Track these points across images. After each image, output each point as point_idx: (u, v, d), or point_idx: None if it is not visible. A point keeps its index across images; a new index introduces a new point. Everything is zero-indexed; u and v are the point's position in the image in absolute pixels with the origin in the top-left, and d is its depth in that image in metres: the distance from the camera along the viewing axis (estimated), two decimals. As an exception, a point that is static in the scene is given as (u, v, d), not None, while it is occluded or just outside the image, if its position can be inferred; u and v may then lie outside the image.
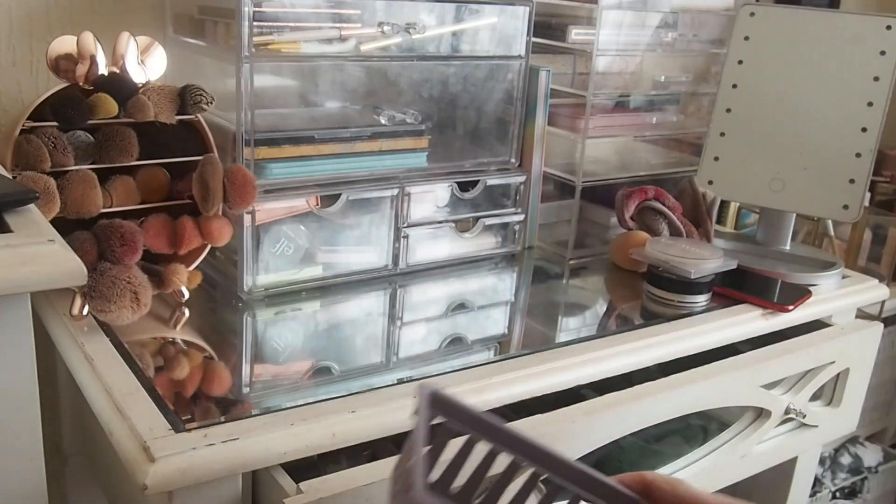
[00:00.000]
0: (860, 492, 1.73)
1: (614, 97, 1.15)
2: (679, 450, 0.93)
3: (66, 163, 0.78)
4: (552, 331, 0.92)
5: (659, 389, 0.80)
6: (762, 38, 1.07)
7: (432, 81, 0.99)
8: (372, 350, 0.82)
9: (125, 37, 0.82)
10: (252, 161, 0.87)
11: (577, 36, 1.10)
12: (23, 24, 0.96)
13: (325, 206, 0.92)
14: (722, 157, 1.09)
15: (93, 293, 0.73)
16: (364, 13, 0.91)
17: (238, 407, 0.69)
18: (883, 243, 1.63)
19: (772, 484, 1.13)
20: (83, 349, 0.73)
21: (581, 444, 0.75)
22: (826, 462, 1.72)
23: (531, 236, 1.12)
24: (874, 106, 1.02)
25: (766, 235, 1.13)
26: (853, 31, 1.03)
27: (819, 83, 1.05)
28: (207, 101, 0.84)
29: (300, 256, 0.92)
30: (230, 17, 0.86)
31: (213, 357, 0.78)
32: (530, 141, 1.07)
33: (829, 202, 1.04)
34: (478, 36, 1.00)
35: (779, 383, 0.96)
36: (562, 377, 0.78)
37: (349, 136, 0.93)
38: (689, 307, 0.95)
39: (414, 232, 0.98)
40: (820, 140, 1.04)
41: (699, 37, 1.19)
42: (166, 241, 0.83)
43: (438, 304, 0.95)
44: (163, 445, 0.60)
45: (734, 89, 1.09)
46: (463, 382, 0.73)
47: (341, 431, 0.65)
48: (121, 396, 0.66)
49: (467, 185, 1.02)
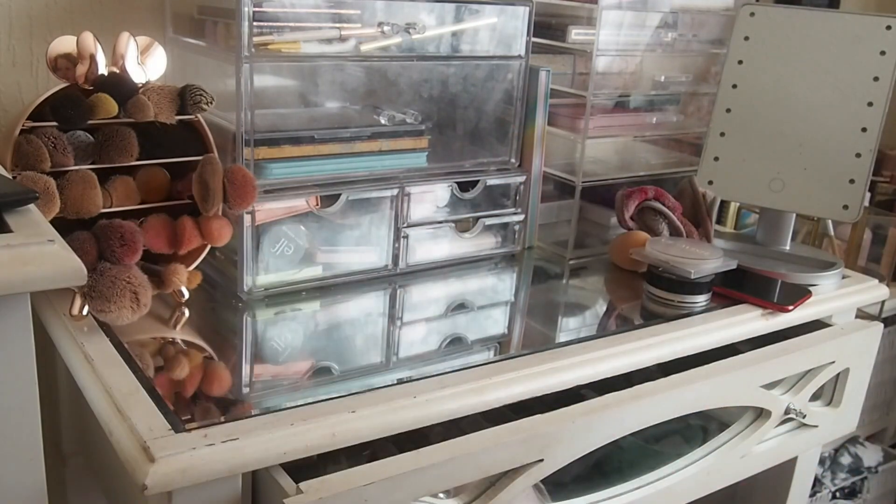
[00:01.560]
0: (860, 492, 1.74)
1: (614, 97, 1.15)
2: (679, 450, 0.93)
3: (65, 163, 0.78)
4: (552, 331, 0.92)
5: (659, 389, 0.80)
6: (762, 38, 1.07)
7: (432, 81, 0.99)
8: (372, 350, 0.82)
9: (125, 37, 0.82)
10: (252, 161, 0.87)
11: (577, 36, 1.10)
12: (23, 24, 0.96)
13: (324, 206, 0.92)
14: (722, 157, 1.09)
15: (93, 293, 0.73)
16: (364, 13, 0.91)
17: (238, 407, 0.69)
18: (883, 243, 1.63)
19: (772, 484, 1.13)
20: (83, 349, 0.73)
21: (581, 444, 0.75)
22: (826, 462, 1.72)
23: (531, 236, 1.12)
24: (874, 106, 1.02)
25: (766, 235, 1.13)
26: (853, 31, 1.03)
27: (819, 83, 1.04)
28: (207, 101, 0.84)
29: (300, 256, 0.92)
30: (230, 17, 0.86)
31: (212, 357, 0.78)
32: (530, 141, 1.07)
33: (829, 202, 1.04)
34: (478, 36, 1.00)
35: (779, 383, 0.96)
36: (562, 377, 0.78)
37: (349, 136, 0.93)
38: (689, 307, 0.95)
39: (414, 232, 0.98)
40: (820, 140, 1.04)
41: (699, 37, 1.19)
42: (166, 241, 0.83)
43: (438, 304, 0.95)
44: (163, 445, 0.60)
45: (734, 89, 1.08)
46: (463, 382, 0.73)
47: (341, 431, 0.65)
48: (121, 396, 0.66)
49: (467, 185, 1.02)
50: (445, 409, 0.70)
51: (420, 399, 0.70)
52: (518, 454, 0.71)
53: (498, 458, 0.70)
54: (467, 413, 0.72)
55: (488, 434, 0.69)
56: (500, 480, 0.72)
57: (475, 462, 0.68)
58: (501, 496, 0.72)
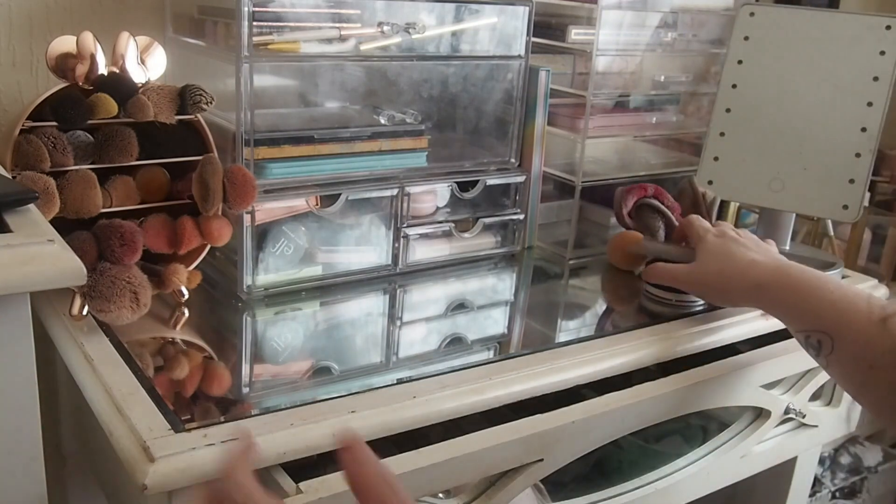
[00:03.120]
0: (860, 492, 1.74)
1: (614, 97, 1.15)
2: (679, 450, 0.93)
3: (65, 163, 0.78)
4: (552, 331, 0.92)
5: (659, 389, 0.80)
6: (762, 38, 1.07)
7: (432, 81, 0.99)
8: (372, 350, 0.82)
9: (125, 37, 0.82)
10: (252, 161, 0.87)
11: (577, 36, 1.10)
12: (23, 24, 0.96)
13: (324, 206, 0.92)
14: (722, 157, 1.09)
15: (92, 293, 0.73)
16: (364, 13, 0.91)
17: (238, 407, 0.69)
18: (883, 243, 1.63)
19: (772, 484, 1.14)
20: (83, 349, 0.73)
21: (581, 444, 0.75)
22: (826, 462, 1.72)
23: (531, 236, 1.12)
24: (874, 106, 1.02)
25: (765, 235, 1.13)
26: (853, 31, 1.03)
27: (819, 83, 1.04)
28: (207, 101, 0.84)
29: (300, 256, 0.92)
30: (230, 17, 0.86)
31: (212, 357, 0.78)
32: (530, 141, 1.07)
33: (828, 202, 1.04)
34: (478, 36, 1.00)
35: (779, 383, 0.96)
36: (562, 377, 0.78)
37: (349, 136, 0.93)
38: (689, 307, 0.95)
39: (413, 232, 0.98)
40: (820, 140, 1.04)
41: (699, 37, 1.19)
42: (166, 241, 0.83)
43: (438, 303, 0.95)
44: (162, 445, 0.60)
45: (734, 89, 1.08)
46: (463, 382, 0.73)
47: (341, 431, 0.65)
48: (121, 396, 0.66)
49: (467, 185, 1.02)
50: (445, 409, 0.70)
51: (420, 399, 0.70)
52: (518, 454, 0.71)
53: (498, 458, 0.70)
54: (467, 413, 0.72)
55: (488, 434, 0.69)
56: (499, 480, 0.72)
57: (475, 462, 0.68)
58: (501, 496, 0.72)
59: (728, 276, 0.85)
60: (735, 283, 0.85)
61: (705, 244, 0.89)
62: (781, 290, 0.81)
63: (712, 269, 0.87)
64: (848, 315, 0.75)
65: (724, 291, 0.87)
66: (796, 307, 0.79)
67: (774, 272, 0.82)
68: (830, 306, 0.76)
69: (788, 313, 0.80)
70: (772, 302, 0.82)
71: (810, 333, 0.77)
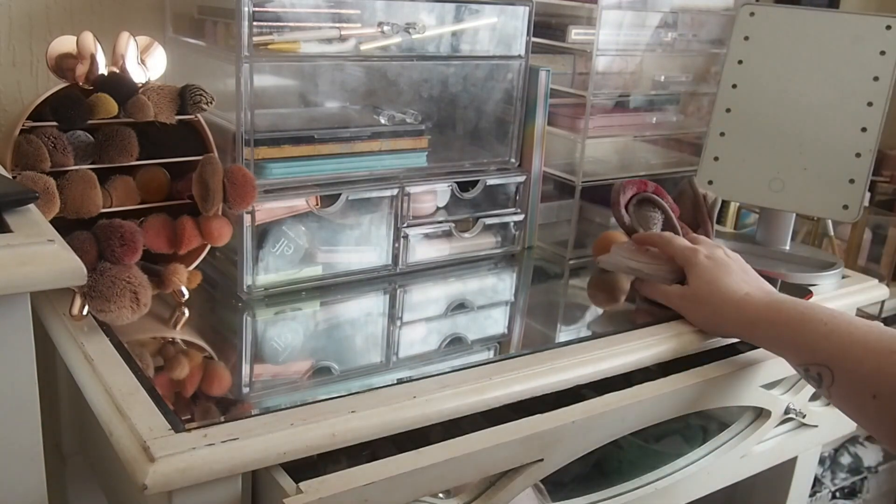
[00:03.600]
0: (860, 492, 1.74)
1: (614, 97, 1.15)
2: (679, 450, 0.93)
3: (65, 163, 0.78)
4: (552, 331, 0.92)
5: (659, 389, 0.80)
6: (762, 38, 1.07)
7: (432, 81, 0.99)
8: (372, 350, 0.82)
9: (125, 37, 0.82)
10: (252, 161, 0.87)
11: (577, 36, 1.10)
12: (23, 24, 0.96)
13: (324, 206, 0.92)
14: (722, 157, 1.09)
15: (92, 293, 0.73)
16: (364, 13, 0.91)
17: (238, 407, 0.69)
18: (883, 243, 1.63)
19: (772, 484, 1.14)
20: (83, 349, 0.73)
21: (581, 444, 0.75)
22: (826, 462, 1.72)
23: (531, 236, 1.12)
24: (874, 106, 1.02)
25: (765, 235, 1.13)
26: (853, 31, 1.03)
27: (819, 83, 1.05)
28: (207, 101, 0.84)
29: (300, 256, 0.92)
30: (230, 17, 0.86)
31: (212, 357, 0.78)
32: (530, 141, 1.07)
33: (828, 202, 1.04)
34: (477, 36, 1.00)
35: (779, 383, 0.96)
36: (562, 377, 0.78)
37: (349, 136, 0.93)
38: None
39: (413, 232, 0.98)
40: (820, 140, 1.04)
41: (699, 37, 1.19)
42: (166, 241, 0.83)
43: (438, 303, 0.95)
44: (163, 445, 0.60)
45: (734, 89, 1.08)
46: (463, 382, 0.73)
47: (341, 431, 0.65)
48: (121, 396, 0.66)
49: (467, 185, 1.02)
50: (445, 409, 0.70)
51: (420, 399, 0.70)
52: (518, 454, 0.71)
53: (498, 458, 0.70)
54: (467, 413, 0.72)
55: (488, 434, 0.69)
56: (499, 480, 0.72)
57: (475, 462, 0.68)
58: (501, 496, 0.72)
59: (721, 313, 0.85)
60: (728, 317, 0.85)
61: (697, 269, 0.88)
62: (773, 326, 0.81)
63: (704, 298, 0.87)
64: (843, 348, 0.74)
65: (718, 325, 0.87)
66: (792, 342, 0.79)
67: (766, 308, 0.82)
68: (824, 339, 0.76)
69: (785, 349, 0.80)
70: (766, 338, 0.82)
71: (809, 367, 0.77)
